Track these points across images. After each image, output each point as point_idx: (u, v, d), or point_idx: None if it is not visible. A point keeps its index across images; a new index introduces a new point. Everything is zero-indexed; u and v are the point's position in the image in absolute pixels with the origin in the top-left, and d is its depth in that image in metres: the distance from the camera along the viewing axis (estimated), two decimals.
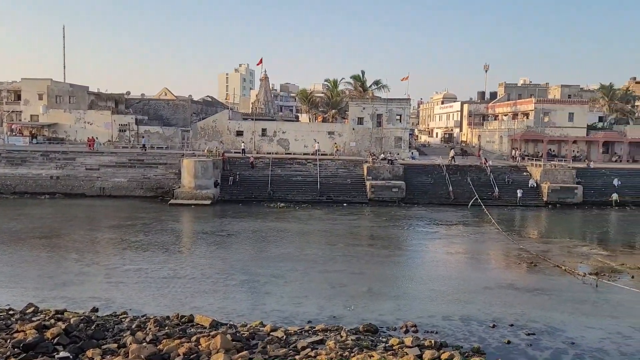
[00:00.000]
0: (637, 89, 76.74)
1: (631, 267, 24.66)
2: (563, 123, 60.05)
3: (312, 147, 54.60)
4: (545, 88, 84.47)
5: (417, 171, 48.94)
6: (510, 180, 47.38)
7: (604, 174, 49.12)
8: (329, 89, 67.83)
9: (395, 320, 17.11)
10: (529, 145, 59.89)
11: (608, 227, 37.84)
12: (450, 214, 40.03)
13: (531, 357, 14.40)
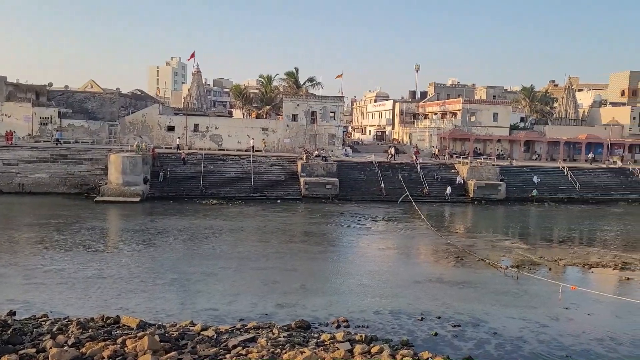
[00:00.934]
0: (556, 92, 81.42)
1: (549, 259, 26.12)
2: (488, 123, 62.81)
3: (245, 143, 54.08)
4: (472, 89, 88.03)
5: (350, 168, 49.60)
6: (439, 177, 48.96)
7: (525, 172, 51.80)
8: (263, 85, 67.42)
9: (328, 316, 17.24)
10: (457, 144, 62.14)
11: (528, 222, 39.89)
12: (382, 210, 40.86)
13: (456, 348, 14.93)
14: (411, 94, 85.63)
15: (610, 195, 50.41)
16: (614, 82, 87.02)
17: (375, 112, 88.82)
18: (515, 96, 79.22)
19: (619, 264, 25.28)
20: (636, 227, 37.94)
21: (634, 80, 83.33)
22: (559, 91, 78.90)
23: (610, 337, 16.07)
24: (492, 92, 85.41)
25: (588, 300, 19.46)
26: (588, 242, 31.76)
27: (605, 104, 78.32)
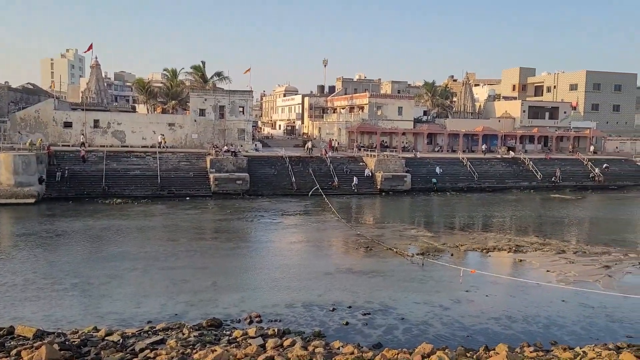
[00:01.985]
0: (455, 87, 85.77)
1: (451, 246, 27.55)
2: (393, 116, 65.00)
3: (151, 139, 52.13)
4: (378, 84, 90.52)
5: (261, 163, 49.38)
6: (348, 170, 49.99)
7: (428, 163, 54.22)
8: (169, 78, 65.23)
9: (240, 312, 17.08)
10: (365, 137, 63.75)
11: (432, 211, 41.83)
12: (293, 204, 41.08)
13: (367, 335, 15.35)
14: (320, 88, 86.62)
15: (505, 183, 54.03)
16: (506, 77, 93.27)
17: (284, 106, 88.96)
18: (418, 91, 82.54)
19: (512, 247, 27.16)
20: (527, 212, 41.00)
21: (523, 76, 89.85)
22: (458, 86, 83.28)
23: (506, 316, 17.24)
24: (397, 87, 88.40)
25: (486, 283, 20.73)
26: (486, 228, 33.80)
27: (499, 98, 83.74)
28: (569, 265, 23.77)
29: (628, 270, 23.03)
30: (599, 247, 27.49)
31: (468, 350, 13.36)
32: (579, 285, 20.44)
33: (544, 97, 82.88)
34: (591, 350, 13.36)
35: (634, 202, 49.20)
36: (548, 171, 56.16)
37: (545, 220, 37.63)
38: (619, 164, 61.82)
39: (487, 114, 75.75)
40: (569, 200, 47.65)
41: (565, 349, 13.62)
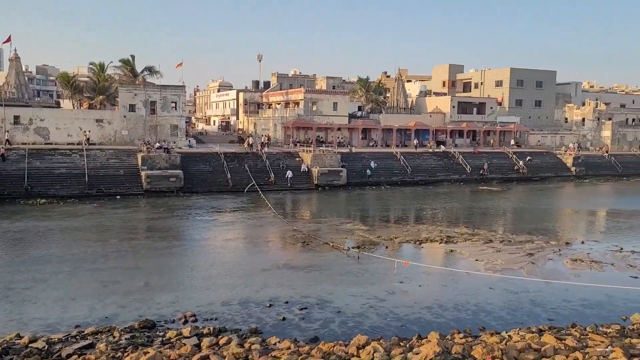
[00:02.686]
0: (388, 83, 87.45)
1: (385, 238, 28.12)
2: (329, 112, 65.45)
3: (77, 136, 49.87)
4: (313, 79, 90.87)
5: (195, 159, 48.40)
6: (284, 166, 49.90)
7: (363, 158, 55.03)
8: (95, 73, 62.50)
9: (174, 312, 16.69)
10: (301, 133, 63.83)
11: (367, 205, 42.51)
12: (229, 201, 40.57)
13: (304, 330, 15.42)
14: (255, 83, 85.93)
15: (436, 176, 55.74)
16: (436, 74, 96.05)
17: (219, 102, 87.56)
18: (352, 87, 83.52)
19: (444, 238, 28.09)
20: (458, 204, 42.51)
21: (452, 73, 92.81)
22: (391, 82, 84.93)
23: (438, 305, 17.81)
24: (331, 83, 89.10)
25: (419, 273, 21.32)
26: (419, 220, 34.73)
27: (430, 94, 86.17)
28: (496, 254, 24.85)
29: (549, 257, 24.36)
30: (523, 236, 28.91)
31: (402, 339, 13.70)
32: (505, 273, 21.44)
33: (472, 93, 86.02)
34: (516, 334, 14.05)
35: (554, 193, 52.11)
36: (476, 164, 58.42)
37: (474, 212, 39.18)
38: (541, 157, 65.23)
39: (419, 110, 77.76)
40: (496, 192, 49.82)
41: (493, 333, 14.24)
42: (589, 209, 42.90)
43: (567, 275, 21.47)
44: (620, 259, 24.09)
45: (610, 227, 34.50)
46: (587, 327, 15.10)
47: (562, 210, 42.28)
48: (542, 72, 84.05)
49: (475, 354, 11.21)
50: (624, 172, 66.18)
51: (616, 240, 28.24)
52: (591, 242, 27.78)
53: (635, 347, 11.79)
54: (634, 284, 20.21)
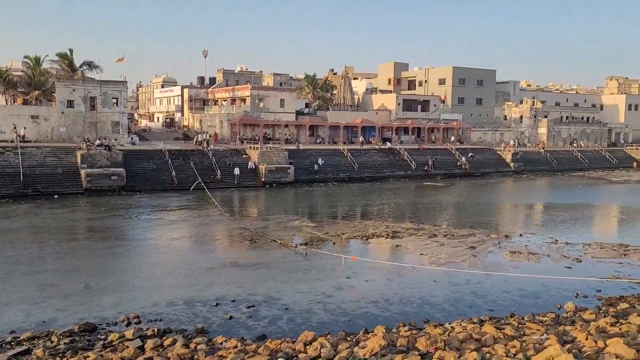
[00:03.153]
0: (334, 80, 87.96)
1: (333, 235, 28.30)
2: (276, 109, 65.20)
3: (10, 133, 47.48)
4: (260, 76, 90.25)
5: (138, 157, 47.13)
6: (231, 163, 49.33)
7: (310, 155, 55.18)
8: (30, 67, 59.63)
9: (117, 315, 16.20)
10: (247, 129, 63.29)
11: (315, 202, 42.70)
12: (174, 200, 39.76)
13: (251, 328, 15.32)
14: (200, 79, 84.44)
15: (382, 173, 56.61)
16: (382, 71, 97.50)
17: (163, 98, 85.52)
18: (299, 84, 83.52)
19: (390, 234, 28.54)
20: (403, 199, 43.36)
21: (398, 71, 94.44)
22: (338, 79, 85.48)
23: (384, 299, 18.10)
24: (278, 80, 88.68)
25: (366, 268, 21.61)
26: (366, 216, 35.16)
27: (376, 91, 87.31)
28: (440, 247, 25.50)
29: (490, 250, 25.22)
30: (465, 230, 29.80)
31: (349, 334, 13.84)
32: (449, 266, 22.04)
33: (417, 91, 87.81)
34: (458, 325, 14.48)
35: (495, 188, 53.99)
36: (421, 160, 59.76)
37: (419, 207, 40.07)
38: (482, 153, 67.46)
39: (365, 107, 78.66)
40: (440, 188, 51.13)
41: (436, 325, 14.60)
42: (526, 203, 44.69)
43: (506, 267, 22.29)
44: (555, 250, 25.23)
45: (546, 220, 36.09)
46: (524, 316, 15.73)
47: (501, 205, 43.85)
48: (482, 71, 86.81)
49: (419, 346, 11.46)
50: (559, 168, 69.45)
51: (551, 233, 29.56)
52: (529, 235, 28.95)
53: (568, 334, 12.38)
54: (567, 273, 21.21)
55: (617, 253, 24.71)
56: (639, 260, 23.39)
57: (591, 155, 77.01)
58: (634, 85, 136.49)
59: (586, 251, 25.03)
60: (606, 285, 19.63)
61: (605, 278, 20.41)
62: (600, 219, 37.68)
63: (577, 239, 27.64)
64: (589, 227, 34.09)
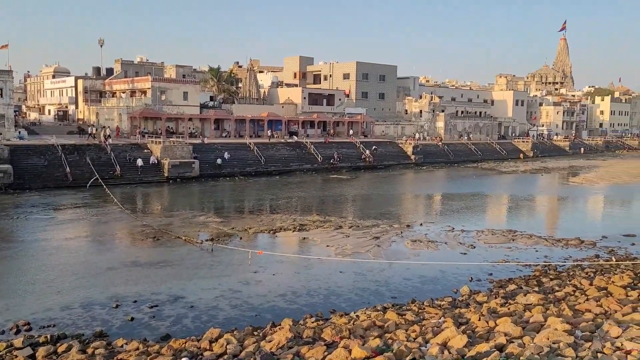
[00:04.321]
0: (240, 73, 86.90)
1: (240, 229, 28.01)
2: (179, 101, 63.24)
3: None
4: (162, 67, 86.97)
5: (27, 153, 43.82)
6: (131, 158, 47.22)
7: (216, 149, 54.15)
8: None
9: (4, 323, 14.97)
10: (149, 123, 60.89)
11: (221, 197, 42.02)
12: (69, 197, 37.41)
13: (154, 329, 14.79)
14: (96, 70, 79.80)
15: (289, 166, 56.83)
16: (287, 65, 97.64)
17: (54, 89, 79.96)
18: (203, 76, 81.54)
19: (297, 227, 28.74)
20: (310, 192, 43.83)
21: (303, 65, 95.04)
22: (243, 72, 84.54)
23: (291, 292, 18.21)
24: (181, 72, 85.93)
25: (273, 262, 21.59)
26: (273, 210, 35.13)
27: (282, 85, 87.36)
28: (346, 239, 26.07)
29: (393, 240, 26.17)
30: (370, 221, 30.69)
31: (256, 328, 13.78)
32: (354, 257, 22.59)
33: (322, 85, 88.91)
34: (363, 313, 14.90)
35: (397, 180, 56.08)
36: (327, 154, 60.67)
37: (326, 200, 40.70)
38: (385, 146, 69.78)
39: (271, 100, 78.45)
40: (346, 180, 52.27)
41: (342, 315, 14.93)
42: (426, 193, 46.87)
43: (408, 255, 23.25)
44: (452, 238, 26.70)
45: (444, 209, 38.09)
46: (424, 301, 16.51)
47: (403, 196, 45.65)
48: (384, 66, 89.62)
49: (325, 336, 11.66)
50: (455, 159, 73.49)
51: (449, 221, 31.24)
52: (428, 224, 30.39)
53: (463, 317, 13.16)
54: (463, 259, 22.53)
55: (506, 238, 26.60)
56: (524, 245, 25.34)
57: (483, 147, 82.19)
58: (520, 82, 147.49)
59: (479, 238, 26.70)
60: (497, 268, 21.06)
61: (496, 262, 21.90)
62: (492, 207, 40.36)
63: (471, 227, 29.42)
64: (482, 215, 36.38)
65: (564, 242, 25.85)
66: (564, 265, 21.41)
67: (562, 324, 10.62)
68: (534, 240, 26.14)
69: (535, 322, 11.54)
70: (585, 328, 10.61)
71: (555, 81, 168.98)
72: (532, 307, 13.67)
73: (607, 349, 8.86)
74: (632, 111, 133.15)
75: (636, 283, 17.14)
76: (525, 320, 12.09)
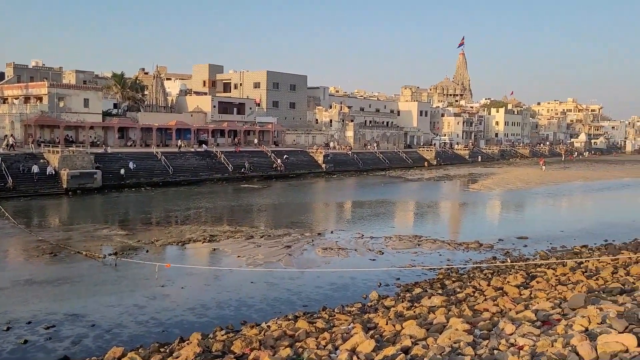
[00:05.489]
0: (146, 80, 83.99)
1: (146, 242, 26.92)
2: (79, 109, 59.92)
3: None
4: (60, 72, 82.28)
5: None
6: (26, 168, 44.04)
7: (120, 158, 51.85)
8: None
9: None
10: (46, 131, 57.15)
11: (127, 208, 40.24)
12: None
13: (51, 351, 13.81)
14: None
15: (199, 176, 55.61)
16: (196, 73, 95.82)
17: None
18: (107, 82, 77.98)
19: (207, 238, 28.14)
20: (220, 202, 43.12)
21: (212, 73, 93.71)
22: (149, 79, 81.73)
23: (201, 305, 17.75)
24: (82, 77, 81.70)
25: (182, 275, 20.95)
26: (182, 221, 34.16)
27: (190, 92, 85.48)
28: (257, 248, 25.89)
29: (304, 248, 26.33)
30: (281, 230, 30.71)
31: (163, 345, 13.28)
32: (265, 266, 22.48)
33: (232, 94, 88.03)
34: (274, 323, 14.83)
35: (308, 188, 56.65)
36: (238, 163, 60.07)
37: (237, 209, 40.22)
38: (296, 155, 70.27)
39: (179, 108, 76.51)
40: (257, 190, 51.99)
41: (253, 326, 14.77)
42: (337, 201, 47.71)
43: (319, 263, 23.49)
44: (362, 244, 27.32)
45: (355, 216, 38.96)
46: (334, 308, 16.72)
47: (315, 204, 46.16)
48: (295, 76, 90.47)
49: (235, 349, 11.47)
50: (364, 168, 75.53)
51: (359, 228, 31.97)
52: (339, 231, 30.91)
53: (372, 322, 13.49)
54: (372, 265, 23.10)
55: (412, 244, 27.65)
56: (429, 249, 26.48)
57: (391, 156, 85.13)
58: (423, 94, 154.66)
59: (387, 243, 27.55)
60: (404, 273, 21.81)
61: (403, 267, 22.69)
62: (399, 214, 41.84)
63: (380, 233, 30.28)
64: (390, 221, 37.60)
65: (465, 245, 27.30)
66: (464, 267, 22.59)
67: (463, 324, 11.18)
68: (437, 245, 27.38)
69: (438, 324, 12.05)
70: (483, 327, 11.24)
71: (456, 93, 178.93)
72: (436, 309, 14.28)
73: (502, 345, 9.42)
74: (523, 122, 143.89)
75: (528, 282, 18.45)
76: (429, 322, 12.59)
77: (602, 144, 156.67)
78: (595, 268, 20.04)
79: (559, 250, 26.28)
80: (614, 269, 19.37)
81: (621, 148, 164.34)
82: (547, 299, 14.20)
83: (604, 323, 9.73)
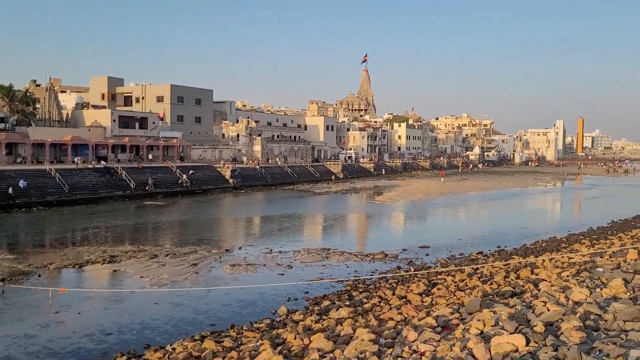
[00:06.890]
0: (38, 92, 78.75)
1: (38, 265, 25.06)
2: None
3: None
4: None
5: None
6: None
7: (8, 176, 48.02)
8: None
9: None
10: None
11: (17, 230, 37.27)
12: None
13: None
14: None
15: (98, 194, 52.74)
16: (94, 85, 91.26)
17: None
18: None
19: (107, 259, 26.69)
20: (122, 221, 41.13)
21: (112, 86, 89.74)
22: (41, 92, 76.69)
23: (100, 330, 16.74)
24: None
25: (79, 300, 19.70)
26: (79, 242, 32.19)
27: (88, 106, 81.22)
28: (162, 268, 24.93)
29: (211, 265, 25.75)
30: (187, 247, 29.84)
31: None
32: (171, 286, 21.68)
33: (134, 107, 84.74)
34: (180, 345, 14.31)
35: (216, 204, 55.57)
36: (141, 179, 57.75)
37: (140, 228, 38.57)
38: (203, 170, 68.81)
39: (76, 123, 72.42)
40: (162, 207, 50.21)
41: (157, 349, 14.16)
42: (245, 216, 47.20)
43: (227, 280, 23.05)
44: (270, 259, 27.20)
45: (263, 231, 38.72)
46: (243, 325, 16.46)
47: (222, 220, 45.34)
48: (200, 90, 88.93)
49: None
50: (273, 182, 75.48)
51: (267, 243, 31.82)
52: (247, 247, 30.57)
53: (280, 337, 13.42)
54: (281, 280, 23.04)
55: (320, 257, 27.94)
56: (337, 262, 26.89)
57: (299, 170, 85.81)
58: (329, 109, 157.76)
59: (296, 257, 27.63)
60: (313, 286, 21.95)
61: (312, 280, 22.83)
62: (308, 227, 42.16)
63: (288, 247, 30.33)
64: (299, 235, 37.77)
65: (371, 256, 28.03)
66: (371, 278, 23.17)
67: (368, 334, 11.42)
68: (345, 257, 27.88)
69: (345, 335, 12.23)
70: (388, 335, 11.56)
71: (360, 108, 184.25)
72: (344, 321, 14.49)
73: (405, 352, 9.74)
74: (424, 136, 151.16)
75: (430, 290, 19.27)
76: (337, 334, 12.75)
77: (494, 157, 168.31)
78: (489, 273, 21.35)
79: (458, 258, 27.73)
80: (506, 273, 20.75)
81: (511, 160, 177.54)
82: (447, 305, 14.90)
83: (497, 325, 10.36)
